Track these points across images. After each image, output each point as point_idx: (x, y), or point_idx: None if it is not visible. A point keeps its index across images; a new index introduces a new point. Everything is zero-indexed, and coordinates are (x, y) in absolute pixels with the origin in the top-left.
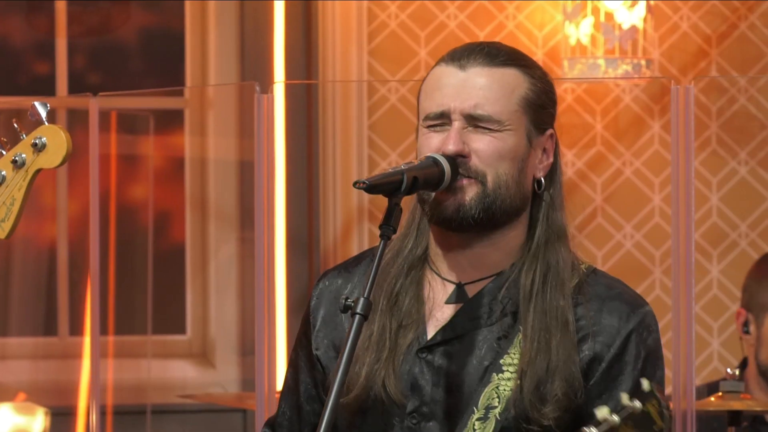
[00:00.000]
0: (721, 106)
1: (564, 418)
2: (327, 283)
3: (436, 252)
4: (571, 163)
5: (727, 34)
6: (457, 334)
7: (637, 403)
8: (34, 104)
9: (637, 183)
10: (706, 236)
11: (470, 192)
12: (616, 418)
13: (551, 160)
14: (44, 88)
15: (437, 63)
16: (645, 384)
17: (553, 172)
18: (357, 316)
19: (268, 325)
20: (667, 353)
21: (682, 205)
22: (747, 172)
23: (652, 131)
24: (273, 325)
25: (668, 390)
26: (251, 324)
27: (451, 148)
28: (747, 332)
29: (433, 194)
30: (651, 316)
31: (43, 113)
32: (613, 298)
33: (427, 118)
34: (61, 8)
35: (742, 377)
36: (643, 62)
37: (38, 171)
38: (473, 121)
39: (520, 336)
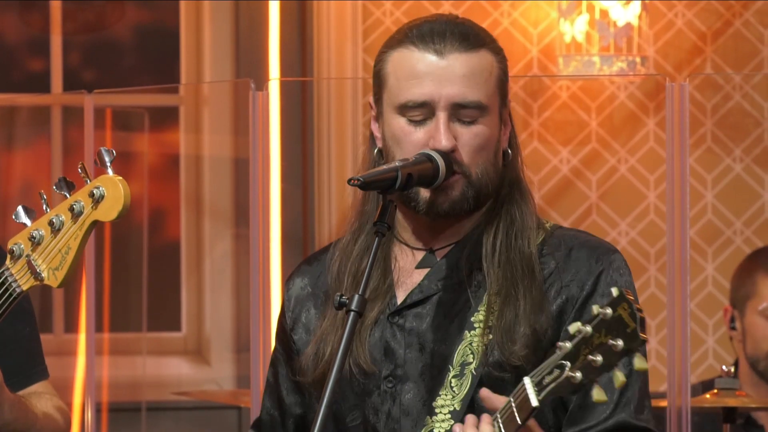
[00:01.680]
0: (715, 104)
1: (534, 357)
2: (298, 277)
3: (404, 228)
4: (566, 160)
5: (721, 32)
6: (425, 295)
7: (608, 310)
8: (100, 150)
9: (632, 180)
10: (701, 233)
11: (459, 187)
12: (588, 328)
13: (510, 128)
14: (39, 85)
15: (401, 44)
16: (614, 291)
17: (512, 136)
18: (352, 314)
19: (263, 321)
20: (662, 350)
21: (677, 203)
22: (742, 169)
23: (647, 128)
24: (268, 321)
25: (663, 387)
26: (246, 321)
27: (446, 144)
28: (734, 328)
29: (425, 194)
30: (621, 260)
31: (107, 161)
32: (581, 245)
33: (404, 106)
34: (55, 5)
35: (737, 376)
36: (638, 59)
37: (95, 222)
38: (458, 110)
39: (489, 291)
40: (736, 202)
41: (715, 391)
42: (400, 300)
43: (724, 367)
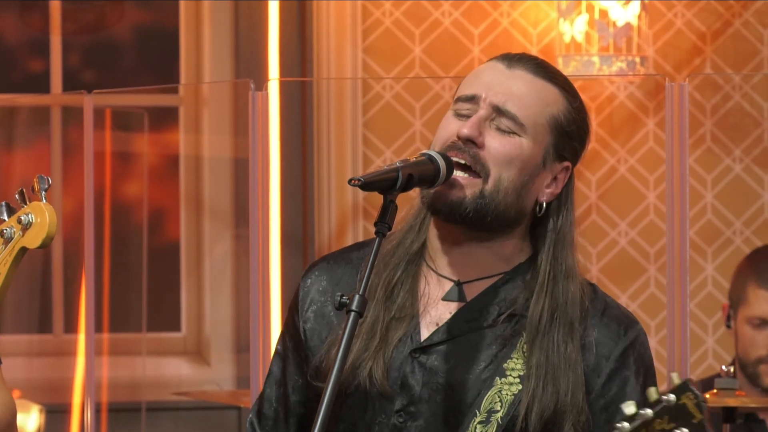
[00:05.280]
0: (715, 104)
1: None
2: (317, 273)
3: (434, 247)
4: None
5: (721, 32)
6: (453, 335)
7: (672, 396)
8: (38, 177)
9: (631, 180)
10: (701, 233)
11: (469, 190)
12: (649, 411)
13: (559, 191)
14: (39, 85)
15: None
16: (675, 377)
17: (562, 205)
18: (352, 313)
19: (262, 322)
20: (661, 350)
21: (676, 203)
22: (741, 169)
23: (646, 128)
24: (268, 322)
25: (662, 387)
26: (246, 321)
27: (465, 131)
28: (729, 326)
29: (433, 189)
30: (644, 334)
31: (43, 188)
32: (611, 315)
33: (458, 99)
34: (55, 6)
35: (736, 374)
36: (637, 59)
37: (24, 249)
38: (498, 115)
39: (523, 341)
40: (736, 202)
41: (715, 391)
42: (423, 334)
43: (723, 367)
